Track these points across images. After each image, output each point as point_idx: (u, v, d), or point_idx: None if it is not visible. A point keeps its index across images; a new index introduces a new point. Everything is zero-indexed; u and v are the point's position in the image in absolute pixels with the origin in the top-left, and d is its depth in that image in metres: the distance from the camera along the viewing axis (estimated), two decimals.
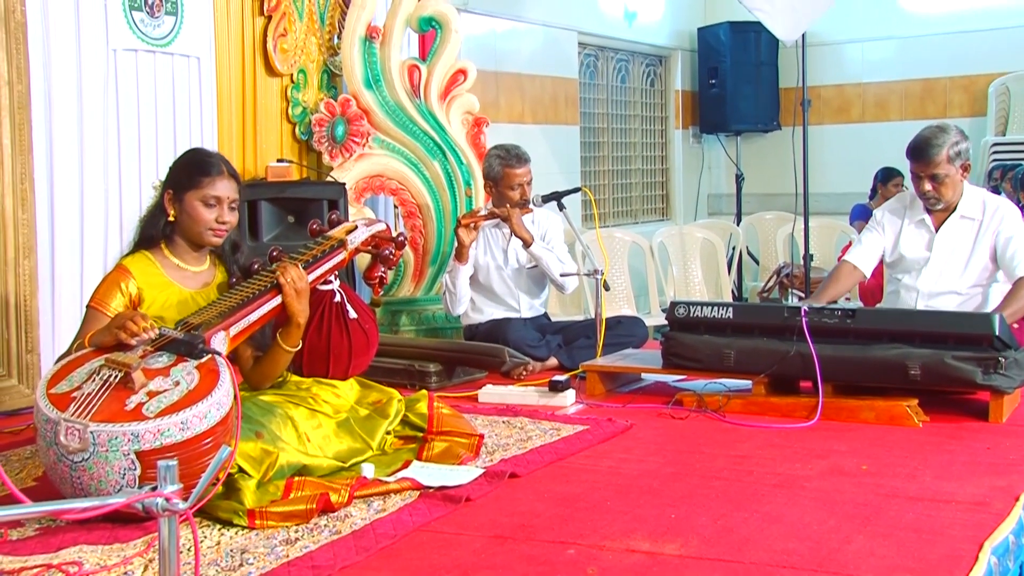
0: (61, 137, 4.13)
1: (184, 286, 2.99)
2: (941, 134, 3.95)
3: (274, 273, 2.91)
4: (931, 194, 3.98)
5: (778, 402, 3.51)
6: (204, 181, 2.96)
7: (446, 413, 3.17)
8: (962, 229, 4.03)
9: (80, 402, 2.47)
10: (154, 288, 2.94)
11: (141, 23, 4.43)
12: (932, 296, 4.04)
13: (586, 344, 4.32)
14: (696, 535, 2.38)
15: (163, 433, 2.42)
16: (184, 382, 2.55)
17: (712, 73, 8.69)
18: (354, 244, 3.15)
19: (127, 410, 2.45)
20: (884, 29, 8.61)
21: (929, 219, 4.08)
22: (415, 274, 5.45)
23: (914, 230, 4.11)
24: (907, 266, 4.12)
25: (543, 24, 7.15)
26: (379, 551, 2.33)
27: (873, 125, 8.71)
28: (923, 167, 3.96)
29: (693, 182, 9.12)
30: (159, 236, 3.01)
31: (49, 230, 4.12)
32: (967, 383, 3.31)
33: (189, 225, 2.97)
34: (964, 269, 4.03)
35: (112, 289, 2.90)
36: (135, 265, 2.96)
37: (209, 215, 2.96)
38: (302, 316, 2.94)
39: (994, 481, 2.72)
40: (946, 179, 3.94)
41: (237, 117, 5.00)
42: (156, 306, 2.92)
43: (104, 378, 2.53)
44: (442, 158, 5.40)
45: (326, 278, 3.07)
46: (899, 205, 4.22)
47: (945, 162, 3.92)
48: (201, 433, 2.47)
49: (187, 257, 3.02)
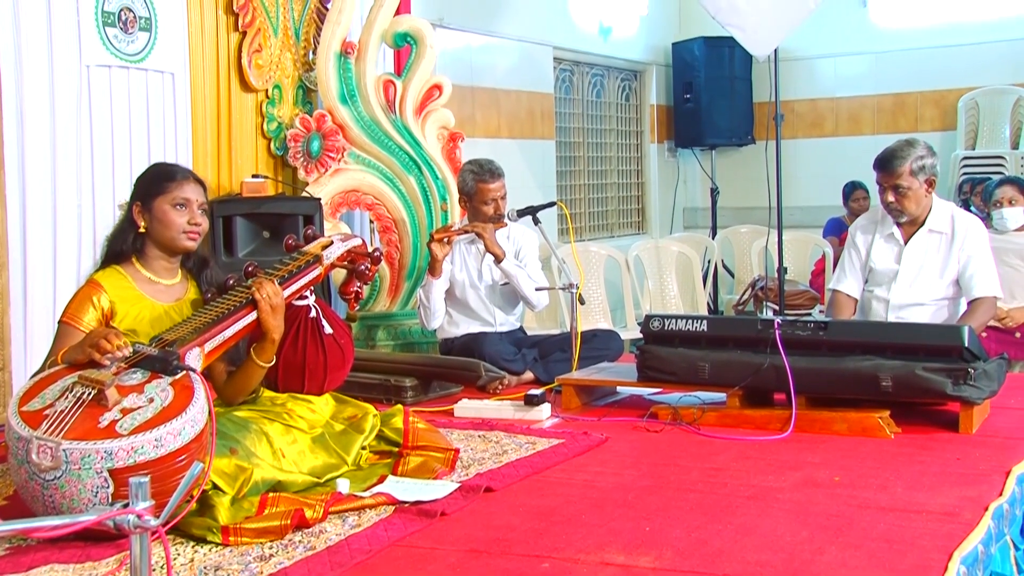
0: (33, 153, 4.10)
1: (157, 300, 2.98)
2: (907, 148, 4.08)
3: (249, 289, 2.90)
4: (893, 205, 4.09)
5: (752, 414, 3.53)
6: (171, 185, 2.99)
7: (421, 428, 3.17)
8: (931, 243, 4.13)
9: (52, 420, 2.45)
10: (126, 302, 2.93)
11: (115, 39, 4.42)
12: (901, 308, 4.12)
13: (562, 358, 4.33)
14: (670, 547, 2.39)
15: (137, 451, 2.41)
16: (158, 399, 2.53)
17: (687, 88, 8.75)
18: (330, 259, 3.15)
19: (100, 427, 2.43)
20: (856, 45, 8.71)
21: (899, 232, 4.17)
22: (391, 289, 5.46)
23: (884, 243, 4.21)
24: (877, 278, 4.20)
25: (518, 39, 7.18)
26: (354, 566, 2.32)
27: (846, 139, 8.80)
28: (886, 178, 4.08)
29: (668, 196, 9.17)
30: (129, 251, 3.00)
31: (21, 247, 4.09)
32: (938, 394, 3.34)
33: (162, 231, 2.98)
34: (933, 282, 4.12)
35: (84, 304, 2.89)
36: (107, 279, 2.95)
37: (180, 218, 2.97)
38: (277, 332, 2.94)
39: (964, 491, 2.75)
40: (908, 191, 4.05)
41: (212, 133, 4.99)
42: (129, 320, 2.91)
43: (77, 395, 2.51)
44: (418, 173, 5.41)
45: (301, 293, 3.07)
46: (870, 220, 4.32)
47: (907, 174, 4.03)
48: (175, 450, 2.46)
49: (160, 271, 3.02)
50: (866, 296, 4.27)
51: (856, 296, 4.28)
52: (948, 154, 8.22)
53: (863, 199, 7.68)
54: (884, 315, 4.16)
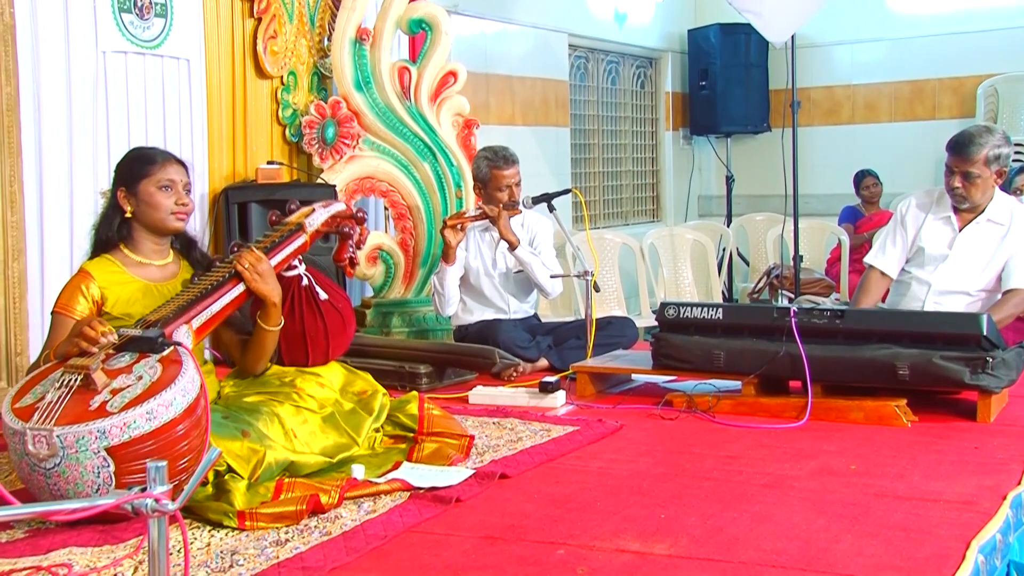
0: (50, 139, 4.12)
1: (149, 279, 3.01)
2: (986, 134, 3.93)
3: (232, 263, 2.92)
4: (959, 191, 3.97)
5: (767, 402, 3.52)
6: (154, 168, 2.99)
7: (436, 414, 3.18)
8: (987, 233, 4.03)
9: (44, 410, 2.47)
10: (117, 286, 2.95)
11: (131, 25, 4.42)
12: (943, 294, 4.03)
13: (576, 345, 4.32)
14: (686, 535, 2.38)
15: (130, 426, 2.42)
16: (147, 375, 2.54)
17: (702, 75, 8.71)
18: (313, 226, 3.14)
19: (91, 410, 2.45)
20: (873, 31, 8.64)
21: (955, 217, 4.06)
22: (406, 276, 5.46)
23: (939, 226, 4.09)
24: (924, 260, 4.10)
25: (533, 26, 7.16)
26: (369, 552, 2.33)
27: (863, 126, 8.75)
28: (958, 162, 3.94)
29: (683, 184, 9.14)
30: (115, 238, 3.02)
31: (38, 232, 4.11)
32: (955, 383, 3.32)
33: (150, 214, 2.99)
34: (979, 272, 4.03)
35: (75, 293, 2.92)
36: (95, 268, 2.97)
37: (167, 200, 2.98)
38: (274, 295, 2.95)
39: (982, 480, 2.73)
40: (978, 179, 3.93)
41: (227, 119, 4.99)
42: (121, 303, 2.93)
43: (66, 383, 2.53)
44: (432, 160, 5.40)
45: (290, 263, 3.07)
46: (927, 199, 4.18)
47: (982, 162, 3.91)
48: (169, 421, 2.46)
49: (149, 252, 3.04)
50: (905, 277, 4.16)
51: (892, 275, 4.16)
52: None
53: (873, 186, 7.64)
54: (923, 298, 4.06)
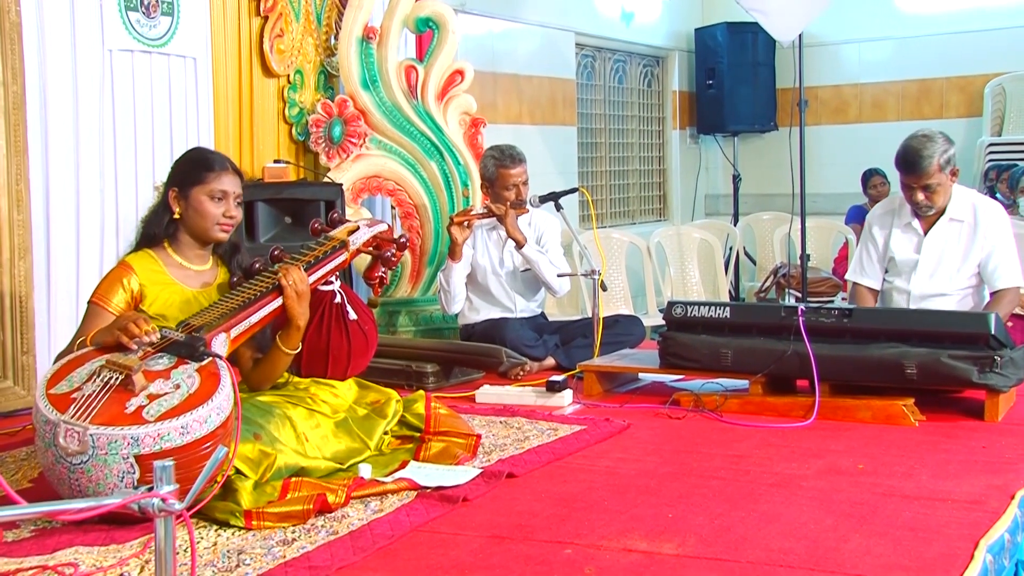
0: (57, 138, 4.12)
1: (187, 285, 2.99)
2: (930, 144, 3.91)
3: (276, 274, 2.90)
4: (924, 203, 3.98)
5: (775, 402, 3.51)
6: (210, 176, 2.97)
7: (443, 413, 3.17)
8: (951, 232, 4.04)
9: (80, 404, 2.46)
10: (156, 285, 2.94)
11: (137, 23, 4.42)
12: (923, 298, 4.05)
13: (583, 344, 4.32)
14: (693, 534, 2.38)
15: (163, 437, 2.42)
16: (185, 385, 2.54)
17: (709, 74, 8.70)
18: (356, 245, 3.14)
19: (127, 413, 2.44)
20: (881, 30, 8.62)
21: (917, 222, 4.09)
22: (412, 274, 5.45)
23: (902, 234, 4.12)
24: (897, 269, 4.14)
25: (540, 25, 7.15)
26: (376, 551, 2.33)
27: (870, 125, 8.73)
28: (916, 179, 3.94)
29: (690, 182, 9.12)
30: (162, 235, 3.00)
31: (45, 231, 4.11)
32: (963, 382, 3.32)
33: (196, 221, 2.97)
34: (955, 272, 4.04)
35: (115, 285, 2.90)
36: (138, 262, 2.96)
37: (216, 209, 2.96)
38: (302, 319, 2.94)
39: (990, 480, 2.72)
40: (938, 188, 3.94)
41: (234, 118, 4.99)
42: (158, 304, 2.92)
43: (104, 380, 2.52)
44: (439, 159, 5.40)
45: (327, 279, 3.07)
46: (887, 209, 4.22)
47: (937, 172, 3.91)
48: (201, 438, 2.47)
49: (191, 256, 3.02)
50: (886, 287, 4.21)
51: (876, 287, 4.21)
52: (974, 140, 8.13)
53: (881, 185, 7.62)
54: (906, 306, 4.09)
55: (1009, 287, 3.99)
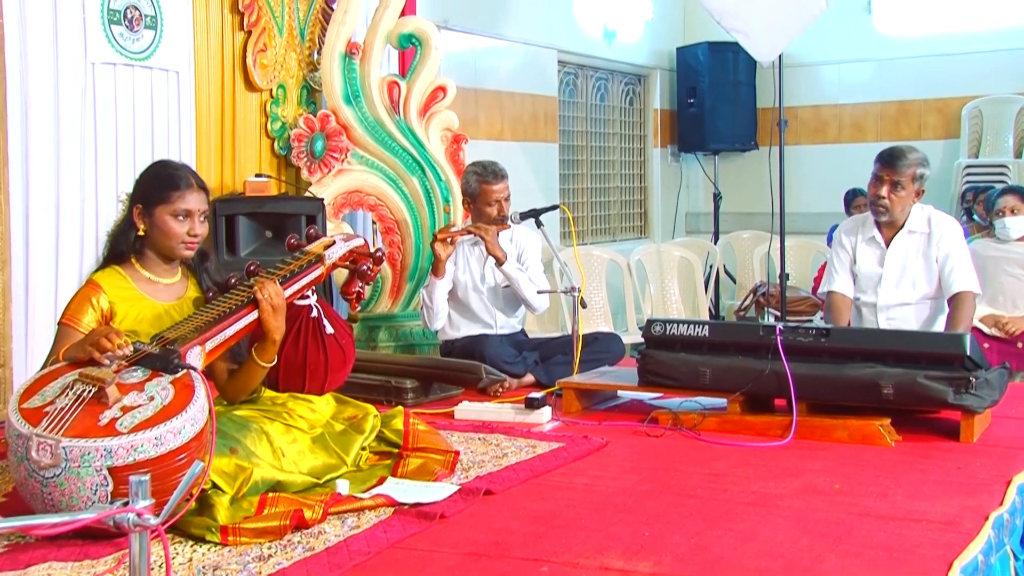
0: (37, 150, 4.11)
1: (157, 299, 2.98)
2: (914, 153, 4.23)
3: (251, 288, 2.90)
4: (883, 199, 4.20)
5: (753, 420, 3.52)
6: (174, 195, 2.95)
7: (422, 429, 3.17)
8: (911, 243, 4.27)
9: (52, 417, 2.45)
10: (126, 302, 2.93)
11: (120, 37, 4.42)
12: (889, 308, 4.26)
13: (563, 361, 4.32)
14: (670, 553, 2.38)
15: (136, 449, 2.41)
16: (159, 397, 2.53)
17: (690, 92, 8.75)
18: (332, 259, 3.14)
19: (100, 425, 2.43)
20: (860, 51, 8.70)
21: (879, 235, 4.31)
22: (393, 290, 5.45)
23: (866, 247, 4.34)
24: (863, 283, 4.33)
25: (523, 42, 7.18)
26: (353, 568, 2.32)
27: (849, 146, 8.80)
28: (890, 172, 4.18)
29: (671, 200, 9.17)
30: (129, 250, 2.99)
31: (24, 244, 4.09)
32: (939, 403, 3.34)
33: (160, 239, 2.96)
34: (917, 281, 4.25)
35: (83, 305, 2.89)
36: (106, 280, 2.94)
37: (180, 228, 2.95)
38: (278, 332, 2.93)
39: (964, 501, 2.74)
40: (902, 192, 4.18)
41: (216, 132, 4.99)
42: (129, 320, 2.91)
43: (77, 393, 2.51)
44: (421, 174, 5.41)
45: (303, 293, 3.07)
46: (853, 225, 4.45)
47: (909, 177, 4.18)
48: (175, 449, 2.46)
49: (158, 270, 3.01)
50: (856, 303, 4.36)
51: (851, 295, 4.36)
52: (951, 162, 8.22)
53: (864, 206, 7.66)
54: (874, 319, 4.26)
55: (964, 290, 4.18)
